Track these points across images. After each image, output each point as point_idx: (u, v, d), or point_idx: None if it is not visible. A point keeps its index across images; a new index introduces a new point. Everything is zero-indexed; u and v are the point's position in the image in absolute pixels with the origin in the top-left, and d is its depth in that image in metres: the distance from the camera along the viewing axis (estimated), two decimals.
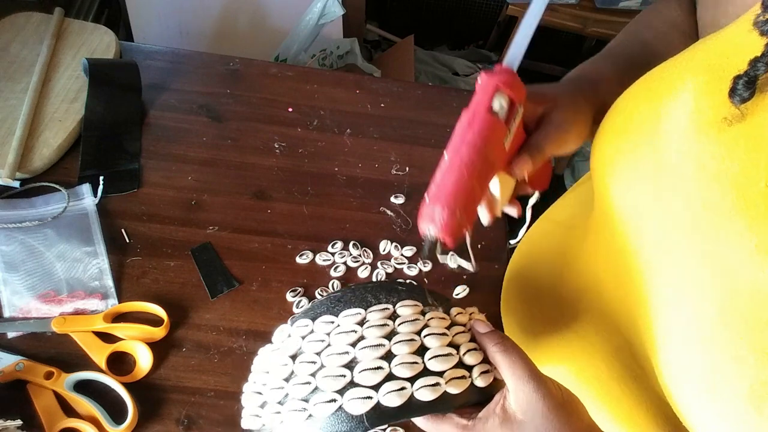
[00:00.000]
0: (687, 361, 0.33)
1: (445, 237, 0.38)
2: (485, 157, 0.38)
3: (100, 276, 0.67)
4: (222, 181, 0.78)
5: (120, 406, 0.59)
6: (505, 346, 0.38)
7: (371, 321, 0.39)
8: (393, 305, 0.40)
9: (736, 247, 0.30)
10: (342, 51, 1.61)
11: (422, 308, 0.40)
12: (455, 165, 0.38)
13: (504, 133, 0.40)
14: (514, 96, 0.40)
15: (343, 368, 0.37)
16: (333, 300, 0.41)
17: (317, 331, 0.40)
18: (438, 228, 0.37)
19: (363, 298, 0.41)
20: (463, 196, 0.37)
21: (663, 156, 0.35)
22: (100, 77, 0.80)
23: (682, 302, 0.33)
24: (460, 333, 0.40)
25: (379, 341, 0.37)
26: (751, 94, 0.29)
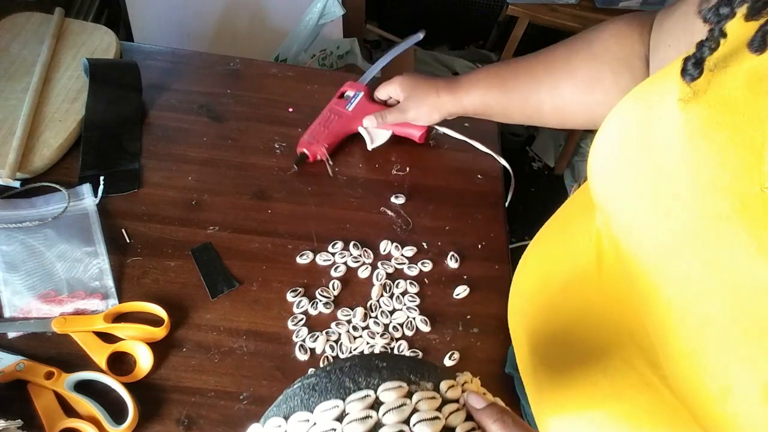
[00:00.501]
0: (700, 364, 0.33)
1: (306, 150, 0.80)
2: (329, 113, 0.84)
3: (101, 276, 0.67)
4: (222, 181, 0.78)
5: (120, 406, 0.59)
6: (506, 423, 0.34)
7: (351, 414, 0.33)
8: (374, 390, 0.34)
9: (738, 252, 0.30)
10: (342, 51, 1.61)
11: (408, 389, 0.34)
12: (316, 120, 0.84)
13: (344, 103, 0.84)
14: (353, 89, 0.86)
15: None
16: (307, 390, 0.36)
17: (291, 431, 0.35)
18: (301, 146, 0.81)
19: (340, 384, 0.35)
20: (314, 132, 0.82)
21: (660, 166, 0.35)
22: (100, 77, 0.80)
23: (690, 308, 0.34)
24: (454, 411, 0.35)
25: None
26: (700, 73, 0.32)
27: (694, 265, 0.33)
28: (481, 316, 0.72)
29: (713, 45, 0.32)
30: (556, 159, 2.01)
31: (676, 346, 0.35)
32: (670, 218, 0.35)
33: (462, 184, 0.84)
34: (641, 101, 0.38)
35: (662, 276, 0.36)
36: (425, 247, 0.77)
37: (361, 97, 0.84)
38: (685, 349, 0.34)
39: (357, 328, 0.68)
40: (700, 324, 0.33)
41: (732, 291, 0.31)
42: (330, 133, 0.80)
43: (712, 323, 0.32)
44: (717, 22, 0.32)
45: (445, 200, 0.82)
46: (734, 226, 0.30)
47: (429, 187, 0.83)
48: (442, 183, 0.84)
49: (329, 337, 0.67)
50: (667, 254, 0.35)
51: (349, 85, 0.86)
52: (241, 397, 0.62)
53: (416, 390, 0.35)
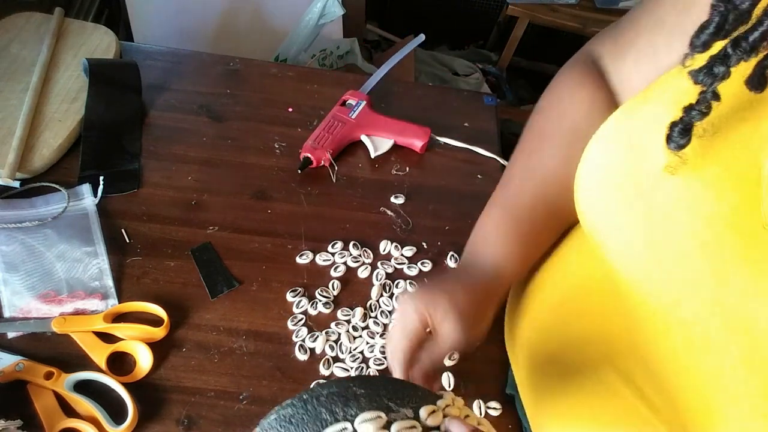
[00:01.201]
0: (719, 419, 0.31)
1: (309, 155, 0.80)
2: (333, 118, 0.84)
3: (100, 276, 0.67)
4: (222, 181, 0.78)
5: (120, 406, 0.59)
6: None
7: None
8: (351, 423, 0.33)
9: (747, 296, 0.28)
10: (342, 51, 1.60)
11: (386, 419, 0.33)
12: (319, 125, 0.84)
13: (347, 112, 0.85)
14: (355, 98, 0.86)
15: None
16: (283, 421, 0.34)
17: None
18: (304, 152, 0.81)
19: (317, 415, 0.33)
20: (320, 138, 0.82)
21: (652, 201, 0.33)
22: (100, 77, 0.80)
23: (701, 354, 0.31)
24: None
25: None
26: (688, 141, 0.29)
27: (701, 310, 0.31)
28: None
29: (705, 109, 0.28)
30: None
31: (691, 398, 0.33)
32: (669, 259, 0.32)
33: (462, 184, 0.84)
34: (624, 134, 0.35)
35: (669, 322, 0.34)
36: (425, 247, 0.77)
37: (363, 106, 0.85)
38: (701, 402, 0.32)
39: (357, 328, 0.68)
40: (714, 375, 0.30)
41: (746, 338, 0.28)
42: (334, 139, 0.82)
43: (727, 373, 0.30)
44: (710, 84, 0.28)
45: (445, 200, 0.82)
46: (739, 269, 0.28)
47: (429, 187, 0.83)
48: (442, 183, 0.84)
49: (329, 337, 0.67)
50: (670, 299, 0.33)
51: (350, 93, 0.87)
52: (240, 397, 0.62)
53: (395, 419, 0.33)
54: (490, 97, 0.95)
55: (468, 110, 0.93)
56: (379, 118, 0.85)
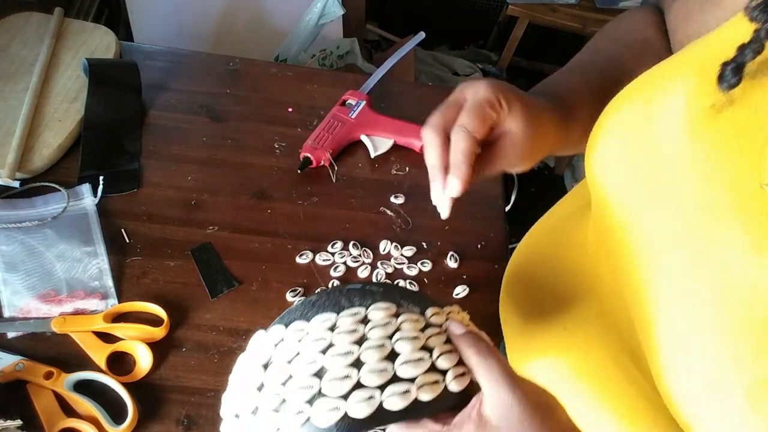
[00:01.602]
0: (685, 361, 0.33)
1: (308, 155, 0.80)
2: (333, 118, 0.84)
3: (100, 276, 0.67)
4: (222, 181, 0.78)
5: (120, 406, 0.59)
6: (480, 349, 0.36)
7: (341, 327, 0.37)
8: (365, 308, 0.38)
9: (730, 247, 0.30)
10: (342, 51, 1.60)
11: (395, 310, 0.39)
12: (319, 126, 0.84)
13: (346, 112, 0.85)
14: (355, 98, 0.87)
15: (311, 378, 0.36)
16: (307, 305, 0.40)
17: (288, 338, 0.39)
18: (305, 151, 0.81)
19: (337, 302, 0.39)
20: (320, 138, 0.82)
21: (658, 159, 0.35)
22: (100, 77, 0.80)
23: (679, 302, 0.34)
24: (435, 335, 0.38)
25: (347, 348, 0.36)
26: (739, 80, 0.30)
27: (685, 258, 0.33)
28: (480, 316, 0.71)
29: (758, 47, 0.29)
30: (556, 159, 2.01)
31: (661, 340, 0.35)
32: (666, 210, 0.34)
33: None
34: (642, 93, 0.37)
35: (653, 268, 0.36)
36: (425, 246, 0.77)
37: (363, 106, 0.85)
38: (670, 344, 0.34)
39: None
40: (687, 318, 0.33)
41: (721, 287, 0.30)
42: (333, 139, 0.82)
43: (699, 318, 0.32)
44: (764, 22, 0.29)
45: None
46: (729, 221, 0.30)
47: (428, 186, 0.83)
48: None
49: None
50: (659, 246, 0.35)
51: (350, 93, 0.87)
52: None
53: (403, 312, 0.39)
54: None
55: None
56: (378, 118, 0.85)
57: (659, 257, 0.35)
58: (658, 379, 0.36)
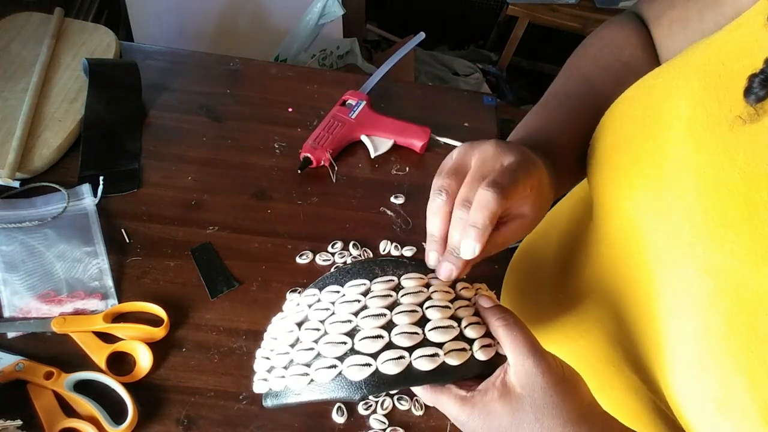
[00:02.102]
0: (696, 375, 0.32)
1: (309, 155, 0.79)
2: (333, 118, 0.84)
3: (100, 276, 0.67)
4: (222, 181, 0.78)
5: (120, 406, 0.59)
6: (508, 321, 0.37)
7: (375, 291, 0.39)
8: (398, 277, 0.40)
9: (740, 258, 0.29)
10: (342, 51, 1.61)
11: (427, 281, 0.41)
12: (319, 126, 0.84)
13: (347, 112, 0.84)
14: (355, 98, 0.86)
15: (344, 336, 0.38)
16: (342, 272, 0.42)
17: (323, 300, 0.41)
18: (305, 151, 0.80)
19: (370, 270, 0.41)
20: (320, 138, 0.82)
21: (662, 166, 0.34)
22: (100, 77, 0.80)
23: (688, 314, 0.33)
24: (464, 306, 0.40)
25: (380, 311, 0.38)
26: (767, 94, 0.29)
27: (694, 270, 0.32)
28: None
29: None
30: None
31: (671, 353, 0.34)
32: (671, 219, 0.34)
33: None
34: (643, 98, 0.37)
35: (659, 278, 0.35)
36: (425, 247, 0.76)
37: (363, 106, 0.85)
38: (681, 358, 0.33)
39: None
40: (698, 333, 0.32)
41: (732, 299, 0.30)
42: (334, 139, 0.82)
43: (711, 332, 0.31)
44: None
45: None
46: (738, 232, 0.29)
47: (428, 186, 0.82)
48: None
49: None
50: (666, 255, 0.35)
51: (350, 94, 0.87)
52: (240, 397, 0.62)
53: (433, 282, 0.41)
54: (489, 97, 0.95)
55: (468, 110, 0.93)
56: (379, 118, 0.85)
57: (666, 267, 0.35)
58: (667, 392, 0.35)
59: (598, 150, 0.41)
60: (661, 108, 0.35)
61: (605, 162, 0.40)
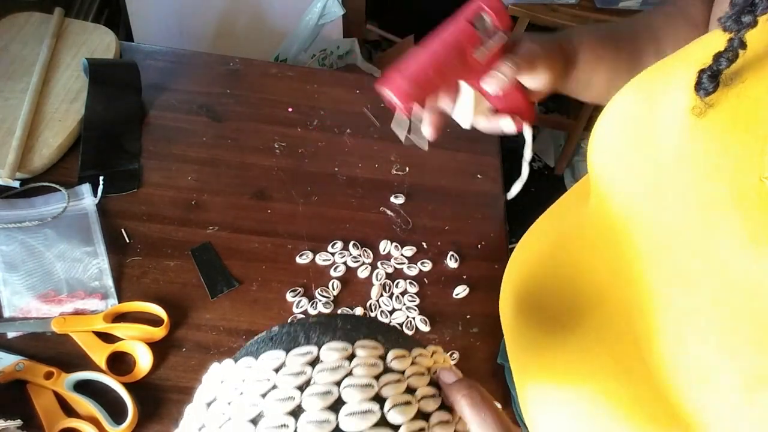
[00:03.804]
0: (682, 354, 0.33)
1: (400, 101, 0.44)
2: (452, 52, 0.45)
3: (100, 276, 0.67)
4: (222, 181, 0.78)
5: (120, 406, 0.59)
6: (474, 400, 0.34)
7: (288, 367, 0.33)
8: (319, 347, 0.34)
9: (729, 241, 0.30)
10: (342, 51, 1.61)
11: (351, 351, 0.34)
12: (422, 50, 0.45)
13: (475, 42, 0.46)
14: (494, 16, 0.46)
15: (248, 423, 0.32)
16: (266, 339, 0.37)
17: (234, 376, 0.36)
18: (394, 92, 0.44)
19: (295, 337, 0.35)
20: (422, 75, 0.44)
21: (660, 152, 0.35)
22: (100, 77, 0.80)
23: (677, 295, 0.34)
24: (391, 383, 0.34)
25: (290, 393, 0.32)
26: (715, 87, 0.31)
27: (684, 253, 0.33)
28: (480, 316, 0.72)
29: (732, 56, 0.30)
30: (556, 159, 2.01)
31: (659, 332, 0.35)
32: (666, 204, 0.35)
33: (462, 184, 0.84)
34: (646, 85, 0.38)
35: (653, 261, 0.36)
36: (425, 246, 0.77)
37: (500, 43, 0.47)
38: (668, 336, 0.34)
39: None
40: (685, 312, 0.33)
41: (720, 281, 0.30)
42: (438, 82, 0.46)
43: (697, 312, 0.32)
44: (737, 31, 0.30)
45: (445, 200, 0.82)
46: (729, 216, 0.30)
47: (428, 186, 0.83)
48: (442, 183, 0.84)
49: None
50: (659, 239, 0.36)
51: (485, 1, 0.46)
52: None
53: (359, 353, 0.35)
54: None
55: None
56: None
57: (659, 250, 0.36)
58: (656, 372, 0.36)
59: (600, 135, 0.42)
60: (661, 97, 0.36)
61: (606, 148, 0.41)
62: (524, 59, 0.46)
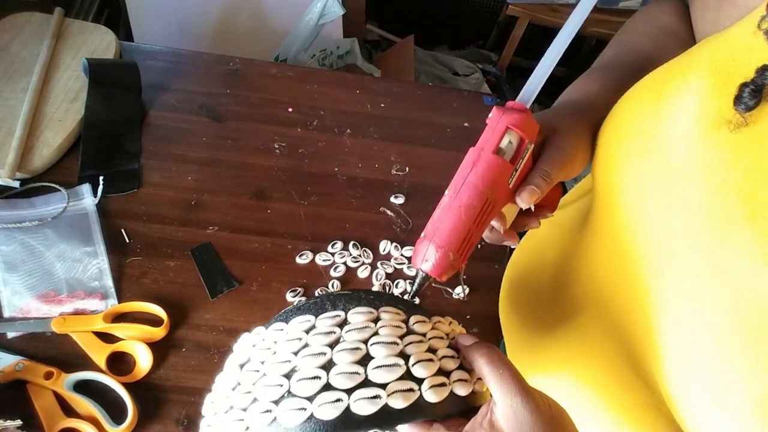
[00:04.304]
0: (692, 370, 0.32)
1: (438, 276, 0.40)
2: (486, 199, 0.39)
3: (100, 276, 0.67)
4: (222, 181, 0.78)
5: (120, 406, 0.59)
6: (492, 358, 0.35)
7: (318, 328, 0.36)
8: (346, 312, 0.37)
9: (741, 257, 0.29)
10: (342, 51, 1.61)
11: (376, 315, 0.37)
12: (454, 207, 0.40)
13: (509, 172, 0.40)
14: (525, 135, 0.40)
15: (281, 377, 0.34)
16: (295, 308, 0.40)
17: (266, 338, 0.38)
18: (431, 267, 0.39)
19: (321, 305, 0.38)
20: (459, 239, 0.39)
21: (669, 161, 0.34)
22: (100, 77, 0.80)
23: (687, 310, 0.33)
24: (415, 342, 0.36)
25: (321, 349, 0.35)
26: (757, 103, 0.29)
27: (694, 266, 0.32)
28: (480, 316, 0.72)
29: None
30: None
31: (667, 349, 0.34)
32: (675, 216, 0.34)
33: None
34: (653, 92, 0.37)
35: (660, 274, 0.35)
36: None
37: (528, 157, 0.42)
38: (677, 353, 0.33)
39: None
40: (696, 329, 0.32)
41: (731, 297, 0.30)
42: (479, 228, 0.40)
43: (708, 329, 0.31)
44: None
45: None
46: (741, 231, 0.29)
47: (428, 186, 0.83)
48: (442, 183, 0.83)
49: None
50: (667, 252, 0.35)
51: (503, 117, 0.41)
52: None
53: (383, 317, 0.37)
54: (490, 97, 0.95)
55: (468, 110, 0.93)
56: None
57: (667, 263, 0.35)
58: (663, 388, 0.36)
59: (605, 142, 0.41)
60: (671, 103, 0.35)
61: (612, 154, 0.40)
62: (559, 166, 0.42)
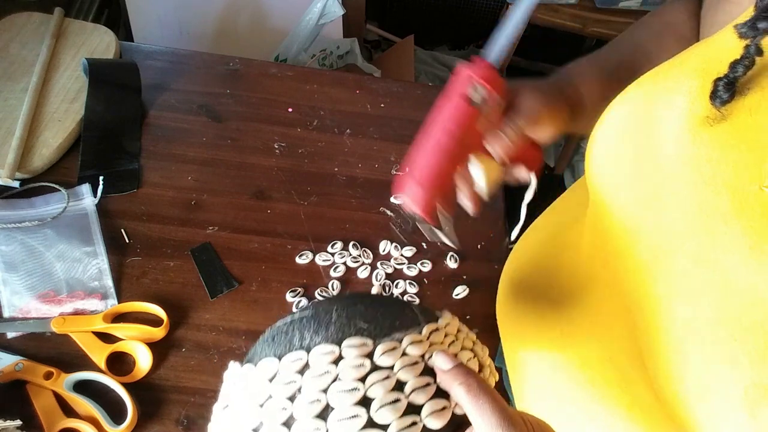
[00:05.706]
0: (683, 364, 0.33)
1: (420, 211, 0.43)
2: (457, 140, 0.43)
3: (100, 276, 0.67)
4: (222, 181, 0.78)
5: (119, 406, 0.59)
6: (470, 387, 0.33)
7: (281, 375, 0.35)
8: (307, 351, 0.35)
9: (730, 250, 0.30)
10: (342, 51, 1.60)
11: (338, 354, 0.35)
12: (427, 143, 0.44)
13: (475, 115, 0.43)
14: (488, 86, 0.43)
15: None
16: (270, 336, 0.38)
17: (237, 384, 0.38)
18: (412, 202, 0.43)
19: (290, 339, 0.36)
20: (435, 175, 0.43)
21: (659, 158, 0.35)
22: (99, 77, 0.80)
23: (679, 305, 0.33)
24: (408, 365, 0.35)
25: (283, 404, 0.33)
26: (731, 96, 0.30)
27: (685, 262, 0.33)
28: (480, 316, 0.72)
29: (748, 63, 0.30)
30: (556, 159, 2.01)
31: (660, 344, 0.35)
32: (666, 212, 0.34)
33: None
34: (646, 93, 0.37)
35: (653, 271, 0.36)
36: (424, 247, 0.77)
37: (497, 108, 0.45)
38: (669, 346, 0.34)
39: None
40: (685, 322, 0.33)
41: (721, 291, 0.30)
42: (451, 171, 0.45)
43: (698, 322, 0.32)
44: (753, 38, 0.30)
45: None
46: (730, 224, 0.30)
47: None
48: None
49: None
50: (660, 249, 0.35)
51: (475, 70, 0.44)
52: None
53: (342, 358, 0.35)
54: None
55: None
56: None
57: (659, 259, 0.35)
58: (657, 382, 0.36)
59: (598, 141, 0.41)
60: (662, 104, 0.35)
61: (604, 154, 0.41)
62: (526, 117, 0.45)
